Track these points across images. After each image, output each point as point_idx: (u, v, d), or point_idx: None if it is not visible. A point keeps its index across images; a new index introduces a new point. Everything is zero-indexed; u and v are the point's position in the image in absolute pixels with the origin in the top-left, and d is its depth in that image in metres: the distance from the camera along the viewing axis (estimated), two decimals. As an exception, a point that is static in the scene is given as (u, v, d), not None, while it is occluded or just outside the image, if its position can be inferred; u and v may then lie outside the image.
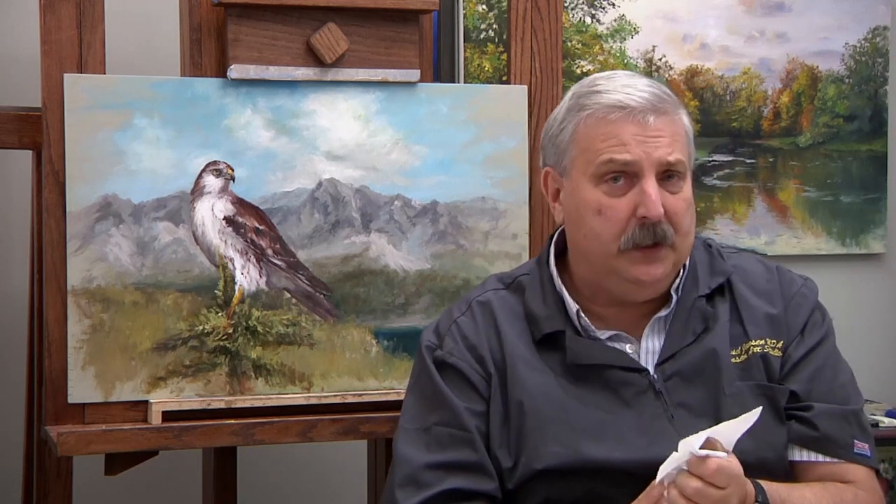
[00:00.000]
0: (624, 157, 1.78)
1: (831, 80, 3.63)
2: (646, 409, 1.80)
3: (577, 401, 1.81)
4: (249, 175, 2.38)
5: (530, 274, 1.94)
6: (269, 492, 3.14)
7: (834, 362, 1.89)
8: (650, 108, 1.79)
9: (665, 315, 1.85)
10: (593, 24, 3.41)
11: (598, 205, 1.80)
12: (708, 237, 1.99)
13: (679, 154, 1.81)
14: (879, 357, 3.68)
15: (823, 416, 1.83)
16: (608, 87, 1.83)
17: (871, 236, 3.67)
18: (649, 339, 1.85)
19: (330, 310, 2.42)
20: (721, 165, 3.55)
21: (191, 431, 2.28)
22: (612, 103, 1.80)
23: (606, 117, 1.80)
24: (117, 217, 2.31)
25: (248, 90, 2.37)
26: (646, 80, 1.85)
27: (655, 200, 1.77)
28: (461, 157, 2.47)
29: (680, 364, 1.82)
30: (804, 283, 1.94)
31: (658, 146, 1.79)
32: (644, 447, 1.77)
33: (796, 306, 1.89)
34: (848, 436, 1.83)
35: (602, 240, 1.80)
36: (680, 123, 1.84)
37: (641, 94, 1.80)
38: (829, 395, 1.84)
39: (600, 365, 1.82)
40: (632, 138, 1.78)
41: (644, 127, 1.79)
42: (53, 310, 2.29)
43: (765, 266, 1.94)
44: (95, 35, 2.32)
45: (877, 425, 3.29)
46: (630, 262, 1.79)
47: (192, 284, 2.35)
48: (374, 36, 2.42)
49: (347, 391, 2.41)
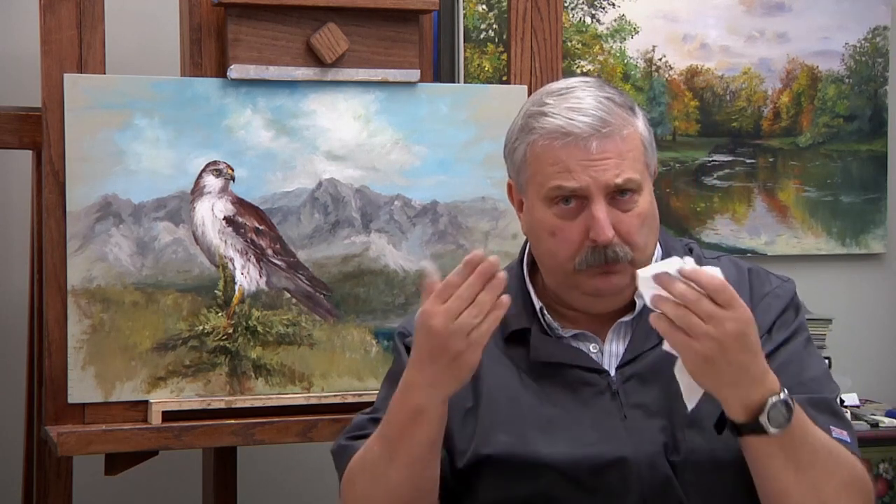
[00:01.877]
0: (570, 184, 1.78)
1: (831, 80, 3.63)
2: (601, 409, 1.81)
3: (533, 396, 1.83)
4: (249, 175, 2.38)
5: (508, 272, 1.95)
6: (269, 492, 3.14)
7: (803, 357, 1.87)
8: (593, 133, 1.78)
9: (628, 321, 1.86)
10: (593, 24, 3.42)
11: (552, 227, 1.82)
12: (691, 242, 1.98)
13: (629, 173, 1.79)
14: (879, 357, 3.68)
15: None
16: (554, 110, 1.81)
17: (871, 236, 3.67)
18: (612, 343, 1.86)
19: (330, 310, 2.42)
20: (721, 165, 3.55)
21: (191, 431, 2.28)
22: (554, 129, 1.80)
23: (552, 143, 1.80)
24: (117, 217, 2.31)
25: (248, 90, 2.37)
26: (594, 99, 1.81)
27: (603, 225, 1.77)
28: (461, 157, 2.48)
29: (639, 366, 1.83)
30: (780, 284, 1.92)
31: (605, 169, 1.78)
32: (592, 443, 1.79)
33: (766, 306, 1.88)
34: (822, 422, 1.81)
35: (558, 259, 1.82)
36: (631, 139, 1.81)
37: (583, 120, 1.78)
38: (797, 388, 1.82)
39: (562, 364, 1.84)
40: (577, 164, 1.78)
41: (587, 152, 1.78)
42: (53, 310, 2.29)
43: (737, 268, 1.93)
44: (95, 35, 2.32)
45: (877, 425, 3.29)
46: (588, 276, 1.81)
47: (192, 284, 2.35)
48: (374, 36, 2.42)
49: (347, 391, 2.41)
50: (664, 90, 3.49)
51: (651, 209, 1.84)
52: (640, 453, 1.77)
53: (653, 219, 1.85)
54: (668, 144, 3.50)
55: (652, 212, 1.85)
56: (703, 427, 1.79)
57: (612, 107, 1.81)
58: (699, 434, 1.78)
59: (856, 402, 3.39)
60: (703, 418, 1.80)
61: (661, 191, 3.49)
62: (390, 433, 1.74)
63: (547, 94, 1.86)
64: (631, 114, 1.83)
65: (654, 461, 1.77)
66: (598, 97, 1.82)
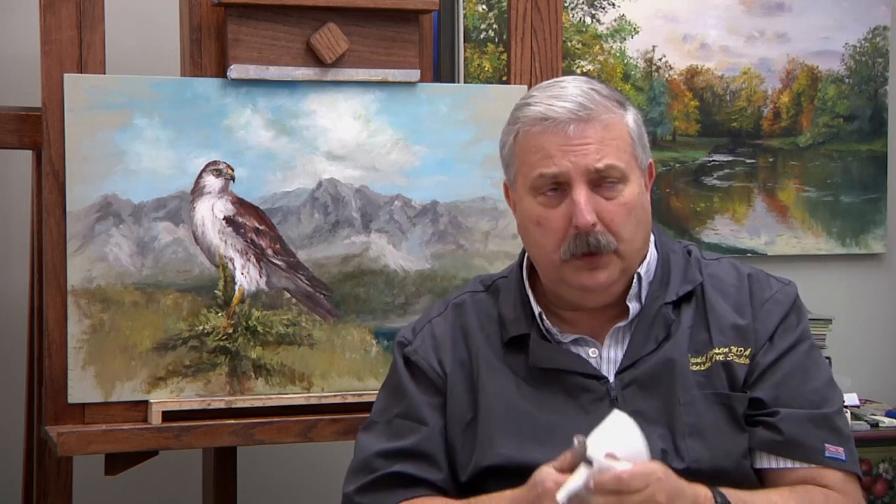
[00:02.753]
0: (551, 169, 1.79)
1: (831, 80, 3.63)
2: (600, 415, 1.80)
3: (532, 404, 1.84)
4: (249, 175, 2.38)
5: (508, 277, 1.96)
6: (269, 492, 3.14)
7: (807, 367, 1.86)
8: (571, 117, 1.79)
9: (624, 325, 1.85)
10: (593, 24, 3.42)
11: (537, 216, 1.82)
12: (691, 244, 1.97)
13: (611, 159, 1.79)
14: (879, 357, 3.68)
15: (789, 420, 1.81)
16: (536, 99, 1.83)
17: (871, 236, 3.67)
18: (610, 349, 1.86)
19: (330, 310, 2.42)
20: (721, 165, 3.56)
21: (191, 431, 2.28)
22: (535, 116, 1.81)
23: (531, 130, 1.82)
24: (117, 217, 2.31)
25: (248, 90, 2.37)
26: (576, 88, 1.83)
27: (583, 210, 1.77)
28: (461, 157, 2.48)
29: (638, 372, 1.83)
30: (781, 288, 1.91)
31: (585, 153, 1.78)
32: None
33: (767, 312, 1.87)
34: (817, 440, 1.81)
35: (546, 250, 1.82)
36: (614, 126, 1.82)
37: (563, 105, 1.79)
38: (799, 400, 1.82)
39: (561, 370, 1.83)
40: (557, 150, 1.79)
41: (566, 137, 1.79)
42: (53, 310, 2.29)
43: (737, 273, 1.92)
44: (95, 35, 2.32)
45: (877, 425, 3.29)
46: (574, 270, 1.80)
47: (192, 284, 2.35)
48: (374, 36, 2.42)
49: (347, 391, 2.41)
50: (664, 90, 3.49)
51: (638, 201, 1.83)
52: None
53: (642, 212, 1.84)
54: (668, 144, 3.50)
55: (640, 204, 1.83)
56: (705, 435, 1.79)
57: (594, 95, 1.81)
58: (700, 442, 1.78)
59: (856, 402, 3.39)
60: (705, 427, 1.80)
61: (661, 191, 3.49)
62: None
63: (534, 88, 1.89)
64: (617, 106, 1.83)
65: None
66: (581, 87, 1.83)
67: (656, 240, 1.91)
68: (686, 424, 1.78)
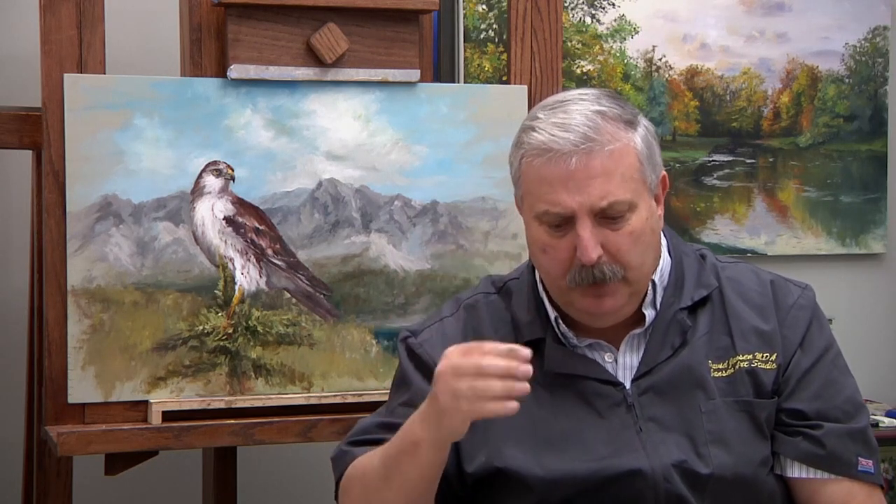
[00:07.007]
0: (556, 209, 1.75)
1: (831, 80, 3.63)
2: (616, 421, 1.80)
3: (547, 409, 1.82)
4: (249, 175, 2.38)
5: (520, 279, 1.94)
6: (269, 492, 3.14)
7: (838, 375, 1.86)
8: (573, 150, 1.73)
9: (640, 332, 1.84)
10: (593, 24, 3.42)
11: (543, 244, 1.79)
12: (703, 248, 1.95)
13: (616, 195, 1.74)
14: (879, 357, 3.68)
15: (831, 435, 1.81)
16: (541, 125, 1.77)
17: (871, 236, 3.67)
18: (626, 355, 1.84)
19: (330, 310, 2.42)
20: (721, 165, 3.55)
21: (191, 431, 2.28)
22: (538, 145, 1.76)
23: (534, 162, 1.77)
24: (117, 217, 2.31)
25: (248, 90, 2.37)
26: (582, 114, 1.76)
27: (587, 246, 1.73)
28: (461, 157, 2.48)
29: (655, 379, 1.81)
30: (801, 292, 1.90)
31: (589, 191, 1.73)
32: (607, 457, 1.77)
33: (794, 319, 1.86)
34: (852, 454, 1.82)
35: (551, 276, 1.80)
36: (621, 155, 1.75)
37: (565, 136, 1.73)
38: (835, 412, 1.82)
39: (576, 375, 1.82)
40: (560, 185, 1.74)
41: (569, 171, 1.73)
42: (53, 310, 2.29)
43: (758, 278, 1.91)
44: (95, 35, 2.32)
45: (877, 425, 3.29)
46: (580, 295, 1.78)
47: (192, 284, 2.35)
48: (374, 36, 2.42)
49: (347, 391, 2.41)
50: (664, 90, 3.49)
51: (646, 226, 1.78)
52: (656, 466, 1.76)
53: (650, 235, 1.80)
54: (668, 144, 3.50)
55: (648, 229, 1.79)
56: (728, 442, 1.78)
57: (599, 122, 1.75)
58: (724, 449, 1.78)
59: (856, 402, 3.38)
60: (728, 434, 1.79)
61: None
62: (390, 454, 1.74)
63: (542, 107, 1.82)
64: (625, 127, 1.77)
65: (670, 475, 1.76)
66: (587, 112, 1.76)
67: (668, 243, 1.89)
68: (709, 432, 1.77)
